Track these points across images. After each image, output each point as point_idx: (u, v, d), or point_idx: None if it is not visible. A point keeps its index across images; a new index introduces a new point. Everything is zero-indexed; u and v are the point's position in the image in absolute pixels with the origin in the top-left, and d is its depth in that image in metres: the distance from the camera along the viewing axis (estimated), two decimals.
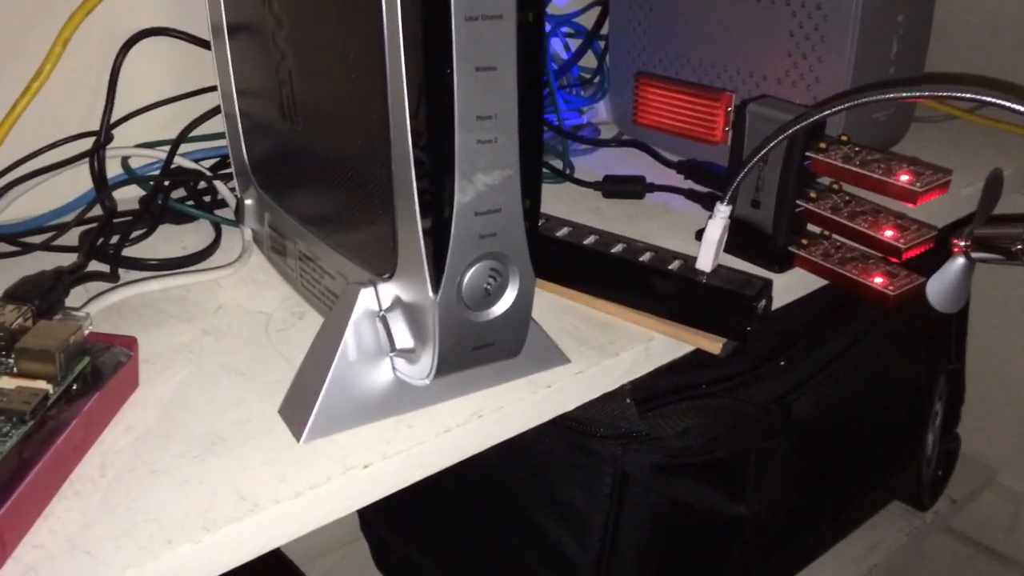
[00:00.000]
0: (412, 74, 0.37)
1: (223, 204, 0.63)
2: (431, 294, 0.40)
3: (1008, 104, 0.42)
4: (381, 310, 0.44)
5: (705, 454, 0.58)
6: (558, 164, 0.73)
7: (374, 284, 0.44)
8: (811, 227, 0.60)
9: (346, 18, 0.41)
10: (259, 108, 0.54)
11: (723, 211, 0.53)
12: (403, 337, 0.43)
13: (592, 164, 0.76)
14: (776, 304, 0.60)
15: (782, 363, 0.64)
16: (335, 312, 0.45)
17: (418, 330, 0.42)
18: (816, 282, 0.60)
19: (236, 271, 0.56)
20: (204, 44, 0.63)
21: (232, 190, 0.61)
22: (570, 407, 0.50)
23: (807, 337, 0.67)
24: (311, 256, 0.51)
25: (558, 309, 0.55)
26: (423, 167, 0.38)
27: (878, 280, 0.56)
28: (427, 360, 0.42)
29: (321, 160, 0.48)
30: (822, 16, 0.66)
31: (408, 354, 0.43)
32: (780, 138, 0.52)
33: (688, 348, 0.54)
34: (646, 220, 0.67)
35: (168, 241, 0.60)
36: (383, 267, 0.43)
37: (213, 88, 0.58)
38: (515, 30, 0.38)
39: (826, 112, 0.51)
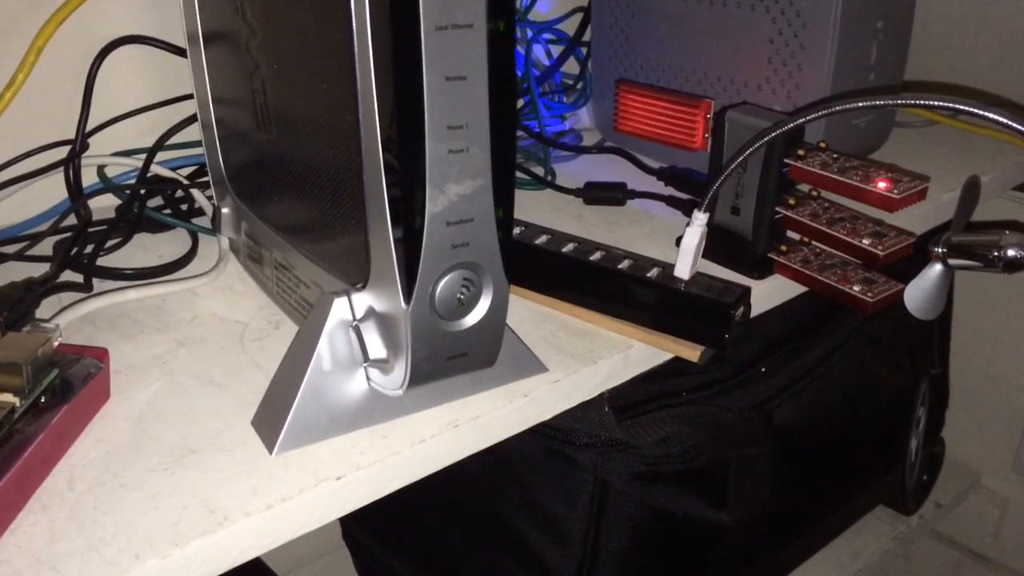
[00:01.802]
0: (381, 84, 0.37)
1: (201, 213, 0.62)
2: (403, 304, 0.40)
3: (981, 112, 0.42)
4: (355, 320, 0.43)
5: (685, 462, 0.57)
6: (539, 171, 0.73)
7: (348, 294, 0.43)
8: (791, 234, 0.60)
9: (317, 27, 0.41)
10: (235, 117, 0.54)
11: (700, 219, 0.53)
12: (376, 347, 0.43)
13: (574, 170, 0.76)
14: (756, 311, 0.60)
15: (763, 369, 0.64)
16: (309, 322, 0.45)
17: (391, 340, 0.42)
18: (796, 289, 0.60)
19: (212, 280, 0.56)
20: (180, 52, 0.62)
21: (209, 198, 0.61)
22: (548, 416, 0.49)
23: (789, 343, 0.67)
24: (286, 265, 0.51)
25: (538, 317, 0.55)
26: (394, 177, 0.38)
27: (856, 287, 0.56)
28: (400, 370, 0.42)
29: (295, 169, 0.47)
30: (801, 23, 0.66)
31: (382, 364, 0.43)
32: (756, 146, 0.52)
33: (667, 356, 0.54)
34: (627, 227, 0.67)
35: (145, 250, 0.60)
36: (356, 277, 0.43)
37: (190, 96, 0.57)
38: (486, 39, 0.37)
39: (801, 120, 0.51)
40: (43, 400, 0.41)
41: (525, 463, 0.60)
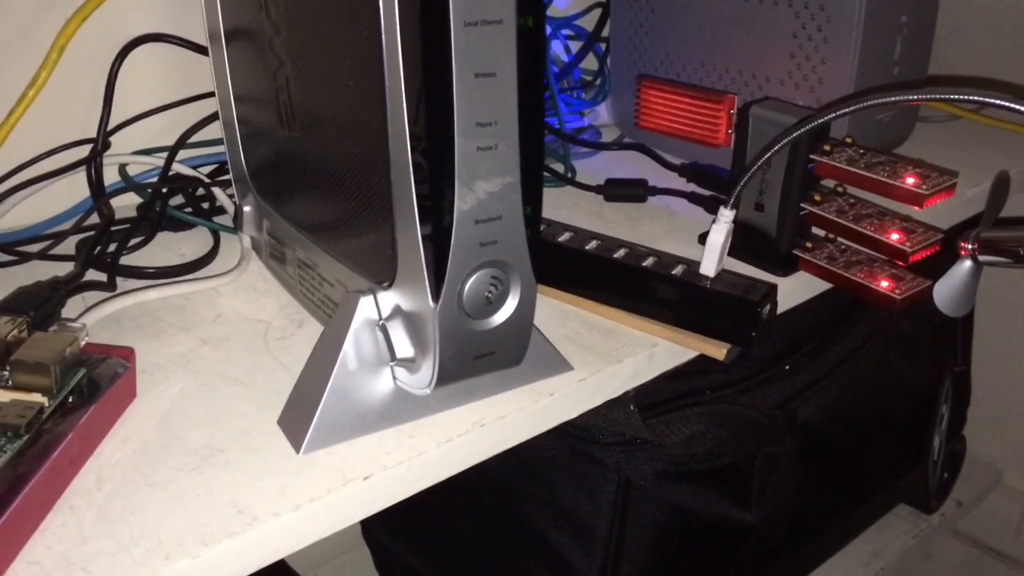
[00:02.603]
0: (411, 80, 0.36)
1: (222, 211, 0.62)
2: (431, 303, 0.39)
3: (1009, 104, 0.41)
4: (381, 319, 0.43)
5: (710, 460, 0.57)
6: (559, 168, 0.73)
7: (374, 292, 0.43)
8: (816, 230, 0.59)
9: (344, 24, 0.41)
10: (257, 115, 0.53)
11: (727, 215, 0.52)
12: (403, 346, 0.42)
13: (594, 167, 0.75)
14: (781, 308, 0.60)
15: (787, 367, 0.63)
16: (334, 321, 0.45)
17: (418, 339, 0.42)
18: (821, 286, 0.60)
19: (235, 279, 0.56)
20: (202, 50, 0.62)
21: (231, 197, 0.61)
22: (573, 415, 0.49)
23: (813, 341, 0.66)
24: (310, 264, 0.51)
25: (561, 315, 0.54)
26: (422, 174, 0.38)
27: (884, 284, 0.55)
28: (428, 369, 0.42)
29: (320, 167, 0.47)
30: (825, 17, 0.65)
31: (408, 363, 0.42)
32: (784, 142, 0.51)
33: (693, 354, 0.53)
34: (649, 224, 0.66)
35: (167, 249, 0.60)
36: (383, 275, 0.43)
37: (211, 94, 0.57)
38: (515, 35, 0.37)
39: (828, 116, 0.51)
40: (71, 400, 0.40)
41: (548, 462, 0.59)
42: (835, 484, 0.72)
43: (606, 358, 0.51)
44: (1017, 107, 0.41)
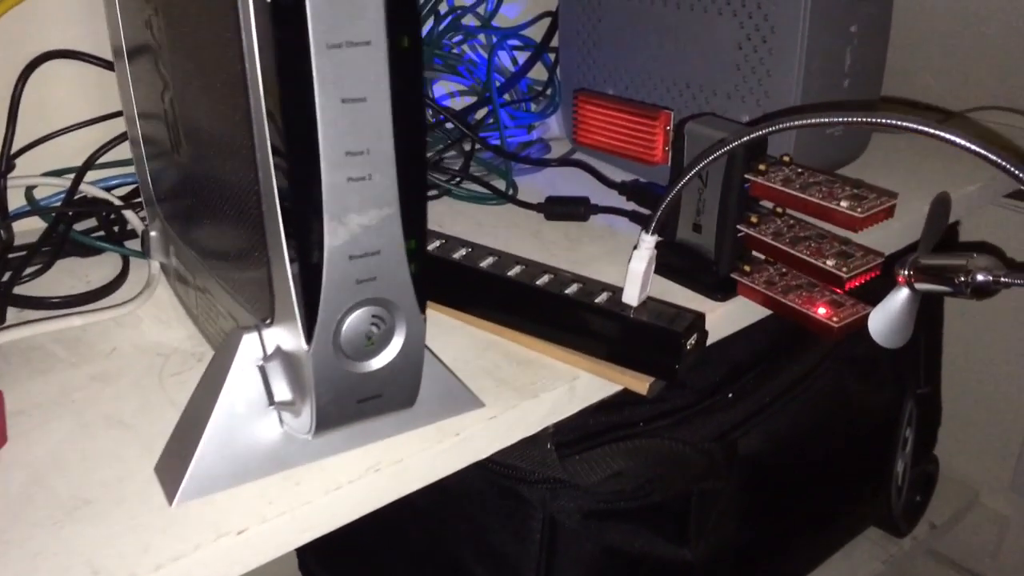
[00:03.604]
0: (271, 107, 0.34)
1: (135, 235, 0.59)
2: (304, 344, 0.37)
3: (927, 130, 0.38)
4: (264, 358, 0.40)
5: (639, 498, 0.54)
6: (501, 185, 0.70)
7: (259, 329, 0.40)
8: (758, 253, 0.56)
9: (212, 44, 0.38)
10: (155, 135, 0.51)
11: (647, 241, 0.49)
12: (282, 389, 0.40)
13: (539, 183, 0.73)
14: (718, 335, 0.57)
15: (730, 395, 0.60)
16: (216, 359, 0.42)
17: (297, 382, 0.39)
18: (761, 312, 0.57)
19: (137, 308, 0.53)
20: (111, 67, 0.59)
21: (144, 220, 0.58)
22: (483, 455, 0.46)
23: (758, 367, 0.63)
24: (209, 293, 0.48)
25: (480, 345, 0.52)
26: (289, 207, 0.35)
27: (822, 311, 0.52)
28: (308, 414, 0.39)
29: (203, 193, 0.44)
30: (769, 28, 0.62)
31: (288, 407, 0.40)
32: (705, 163, 0.48)
33: (615, 388, 0.50)
34: (588, 244, 0.64)
35: (72, 276, 0.57)
36: (265, 312, 0.40)
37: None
38: (386, 57, 0.34)
39: (757, 133, 0.48)
40: None
41: (474, 499, 0.56)
42: (788, 514, 0.69)
43: (522, 392, 0.48)
44: (936, 133, 0.38)
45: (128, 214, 0.58)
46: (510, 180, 0.70)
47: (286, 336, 0.39)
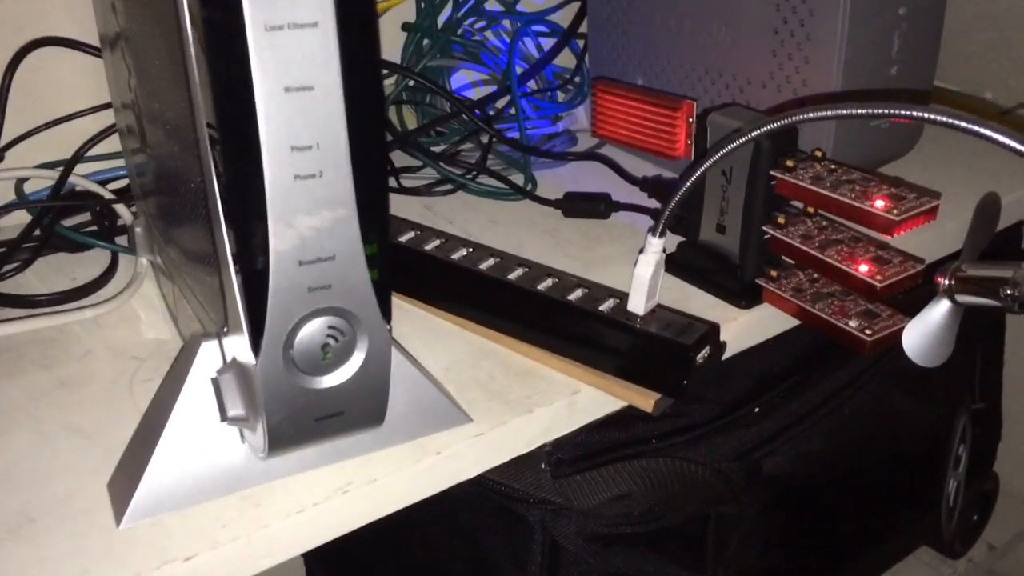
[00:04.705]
0: (207, 96, 0.30)
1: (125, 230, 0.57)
2: (252, 357, 0.33)
3: (973, 128, 0.33)
4: (225, 369, 0.37)
5: (648, 522, 0.50)
6: (519, 180, 0.66)
7: (219, 338, 0.37)
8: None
9: (159, 29, 0.35)
10: (131, 125, 0.48)
11: (654, 245, 0.45)
12: (235, 403, 0.36)
13: (562, 178, 0.68)
14: (742, 346, 0.52)
15: (756, 410, 0.56)
16: (175, 368, 0.39)
17: (250, 396, 0.36)
18: (791, 321, 0.52)
19: (117, 308, 0.50)
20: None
21: (136, 215, 0.56)
22: (467, 476, 0.43)
23: (790, 379, 0.58)
24: (184, 295, 0.45)
25: (477, 354, 0.48)
26: (230, 208, 0.32)
27: (853, 323, 0.47)
28: (263, 432, 0.36)
29: (167, 188, 0.41)
30: (808, 10, 0.57)
31: (243, 423, 0.36)
32: (709, 161, 0.44)
33: (619, 404, 0.46)
34: (607, 243, 0.59)
35: (60, 272, 0.54)
36: (222, 319, 0.37)
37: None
38: (336, 41, 0.31)
39: (777, 123, 0.43)
40: None
41: (474, 518, 0.53)
42: (822, 539, 0.64)
43: (515, 407, 0.44)
44: (981, 131, 0.33)
45: (121, 208, 0.56)
46: (529, 175, 0.66)
47: (238, 347, 0.35)
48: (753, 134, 0.42)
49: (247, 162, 0.31)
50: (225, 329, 0.37)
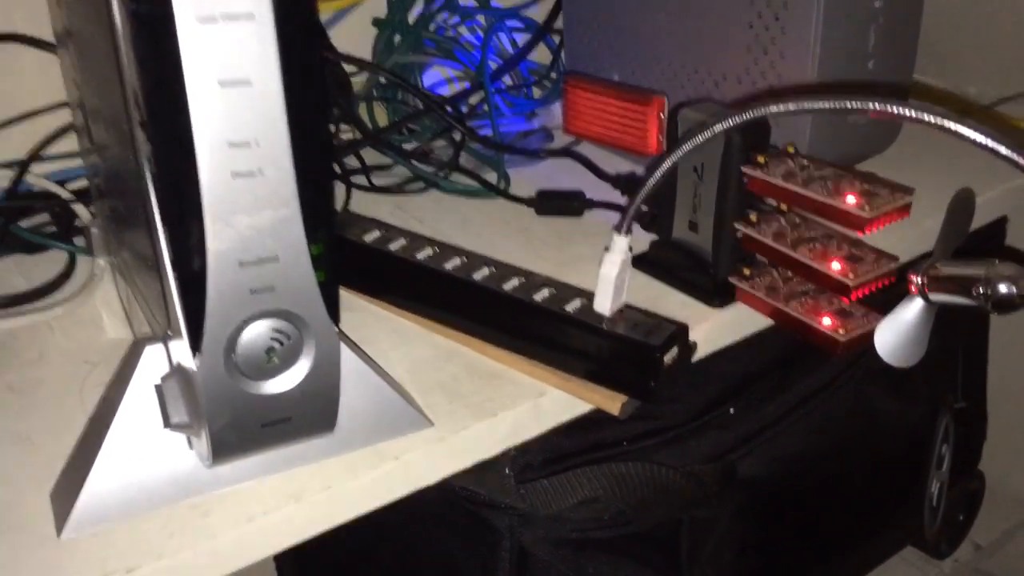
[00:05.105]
0: (137, 91, 0.29)
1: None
2: (192, 361, 0.32)
3: (950, 126, 0.32)
4: (169, 374, 0.36)
5: (618, 527, 0.49)
6: (493, 177, 0.64)
7: (165, 342, 0.36)
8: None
9: (93, 21, 0.34)
10: (81, 123, 0.47)
11: (620, 243, 0.44)
12: (178, 410, 0.35)
13: (537, 176, 0.67)
14: (715, 346, 0.51)
15: (731, 411, 0.54)
16: (119, 373, 0.38)
17: (193, 402, 0.34)
18: (764, 320, 0.51)
19: (73, 310, 0.49)
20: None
21: (94, 214, 0.54)
22: (427, 482, 0.41)
23: (767, 379, 0.57)
24: (135, 298, 0.44)
25: (442, 356, 0.47)
26: (165, 206, 0.30)
27: (827, 321, 0.46)
28: (206, 439, 0.34)
29: (113, 189, 0.40)
30: (782, 3, 0.56)
31: (186, 429, 0.35)
32: (673, 156, 0.42)
33: (586, 407, 0.45)
34: (580, 242, 0.58)
35: (17, 273, 0.53)
36: (166, 322, 0.36)
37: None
38: (274, 33, 0.29)
39: (747, 115, 0.41)
40: None
41: (443, 524, 0.51)
42: (802, 541, 0.63)
43: (477, 411, 0.43)
44: (959, 129, 0.32)
45: (80, 208, 0.54)
46: (502, 172, 0.65)
47: (180, 351, 0.34)
48: (716, 127, 0.41)
49: (180, 159, 0.29)
50: (169, 332, 0.35)
